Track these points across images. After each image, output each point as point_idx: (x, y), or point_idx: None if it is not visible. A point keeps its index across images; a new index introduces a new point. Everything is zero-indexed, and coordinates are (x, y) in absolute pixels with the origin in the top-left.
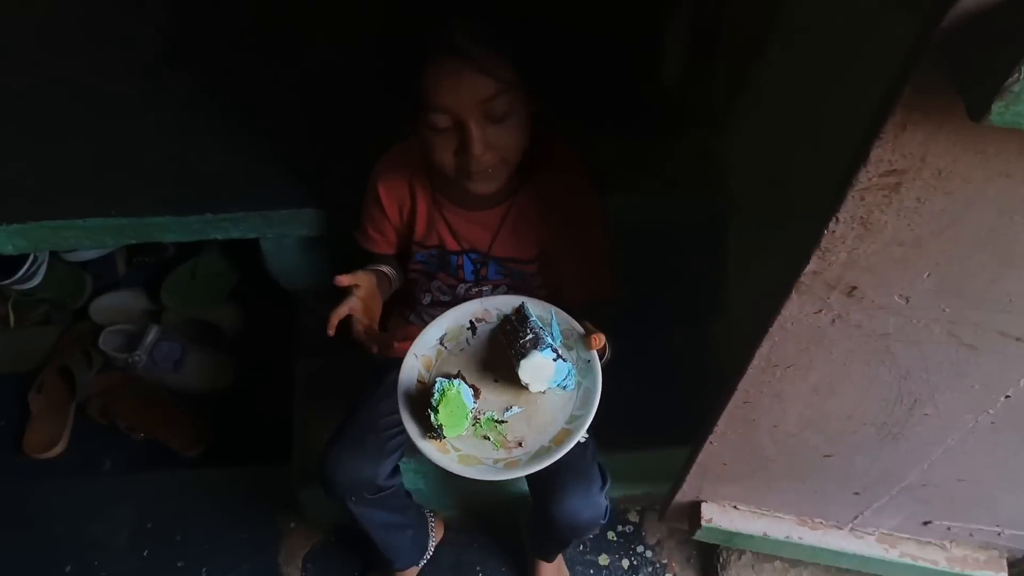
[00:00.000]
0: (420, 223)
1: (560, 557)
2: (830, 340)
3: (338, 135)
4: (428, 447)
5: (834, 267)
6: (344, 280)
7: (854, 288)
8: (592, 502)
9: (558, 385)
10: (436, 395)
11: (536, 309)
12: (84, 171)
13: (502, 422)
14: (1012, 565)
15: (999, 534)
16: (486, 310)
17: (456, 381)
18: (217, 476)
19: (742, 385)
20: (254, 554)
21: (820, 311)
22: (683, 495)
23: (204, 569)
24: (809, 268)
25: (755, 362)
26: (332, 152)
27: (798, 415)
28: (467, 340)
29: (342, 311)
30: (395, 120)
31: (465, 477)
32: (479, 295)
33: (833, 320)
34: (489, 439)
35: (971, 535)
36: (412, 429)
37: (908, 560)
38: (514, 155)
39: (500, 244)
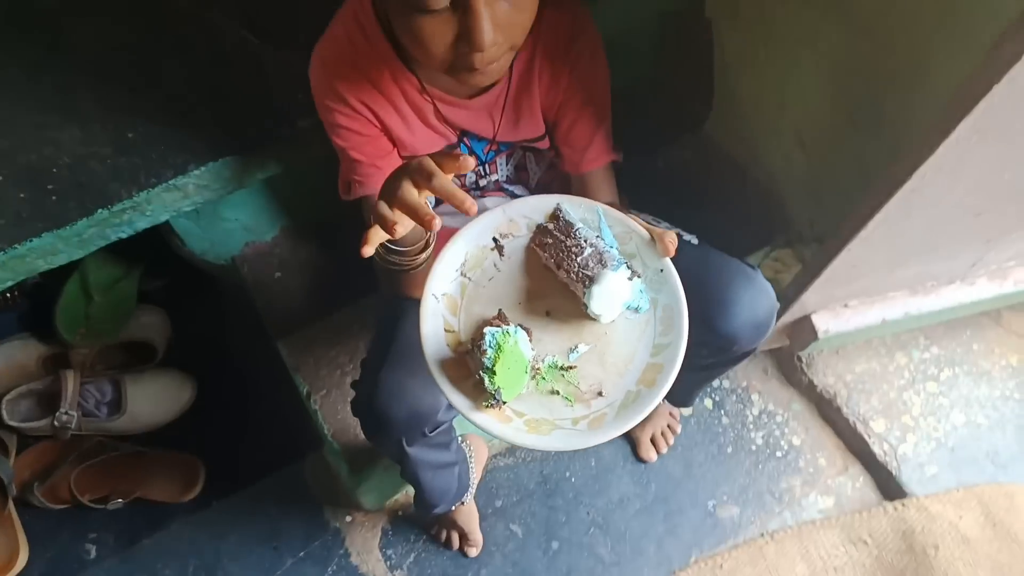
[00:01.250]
0: None
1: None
2: None
3: (217, 50)
4: (486, 419)
5: None
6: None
7: None
8: (760, 288)
9: (628, 308)
10: (490, 352)
11: (577, 211)
12: None
13: (569, 368)
14: None
15: None
16: (511, 221)
17: (513, 328)
18: (231, 507)
19: (920, 172)
20: (322, 567)
21: None
22: (790, 315)
23: None
24: None
25: (952, 137)
26: (219, 74)
27: (970, 181)
28: (495, 265)
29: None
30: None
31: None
32: (494, 170)
33: None
34: (559, 393)
35: None
36: (457, 399)
37: (1023, 286)
38: (522, 35)
39: (506, 125)
